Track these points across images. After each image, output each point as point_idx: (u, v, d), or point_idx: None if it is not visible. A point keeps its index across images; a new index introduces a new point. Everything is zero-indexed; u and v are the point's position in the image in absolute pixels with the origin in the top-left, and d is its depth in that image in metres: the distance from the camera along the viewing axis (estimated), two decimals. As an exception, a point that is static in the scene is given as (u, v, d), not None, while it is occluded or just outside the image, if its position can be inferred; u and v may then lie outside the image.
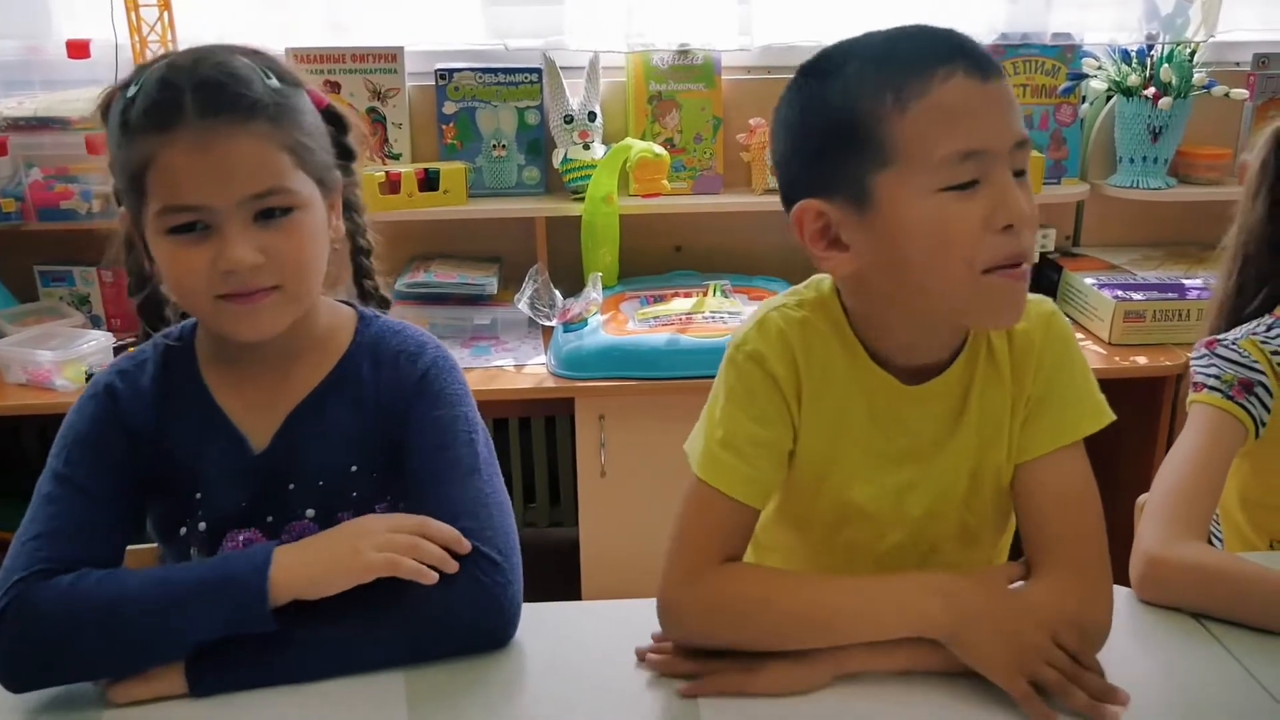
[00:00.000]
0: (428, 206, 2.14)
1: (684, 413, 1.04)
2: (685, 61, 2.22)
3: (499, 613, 0.95)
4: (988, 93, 0.86)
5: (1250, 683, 0.92)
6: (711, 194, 2.25)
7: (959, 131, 0.85)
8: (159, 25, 2.01)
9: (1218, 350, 1.23)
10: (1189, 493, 1.12)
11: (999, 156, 0.86)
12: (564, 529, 2.57)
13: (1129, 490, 1.38)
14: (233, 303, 0.96)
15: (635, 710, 0.90)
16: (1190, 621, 1.00)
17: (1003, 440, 0.99)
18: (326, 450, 1.04)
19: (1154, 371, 1.96)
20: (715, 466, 0.96)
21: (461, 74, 2.19)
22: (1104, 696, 0.86)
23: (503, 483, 1.04)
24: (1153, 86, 2.17)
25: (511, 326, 2.15)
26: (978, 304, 0.90)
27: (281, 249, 0.96)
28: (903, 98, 0.85)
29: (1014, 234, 0.87)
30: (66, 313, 2.14)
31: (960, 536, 1.03)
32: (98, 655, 0.90)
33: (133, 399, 1.03)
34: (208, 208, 0.93)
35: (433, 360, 1.06)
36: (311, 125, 1.01)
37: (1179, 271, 2.21)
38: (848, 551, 1.04)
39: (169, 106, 0.92)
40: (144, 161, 0.93)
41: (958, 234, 0.86)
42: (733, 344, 1.00)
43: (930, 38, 0.88)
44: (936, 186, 0.86)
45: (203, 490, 1.04)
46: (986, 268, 0.87)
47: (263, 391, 1.04)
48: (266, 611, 0.89)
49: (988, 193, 0.86)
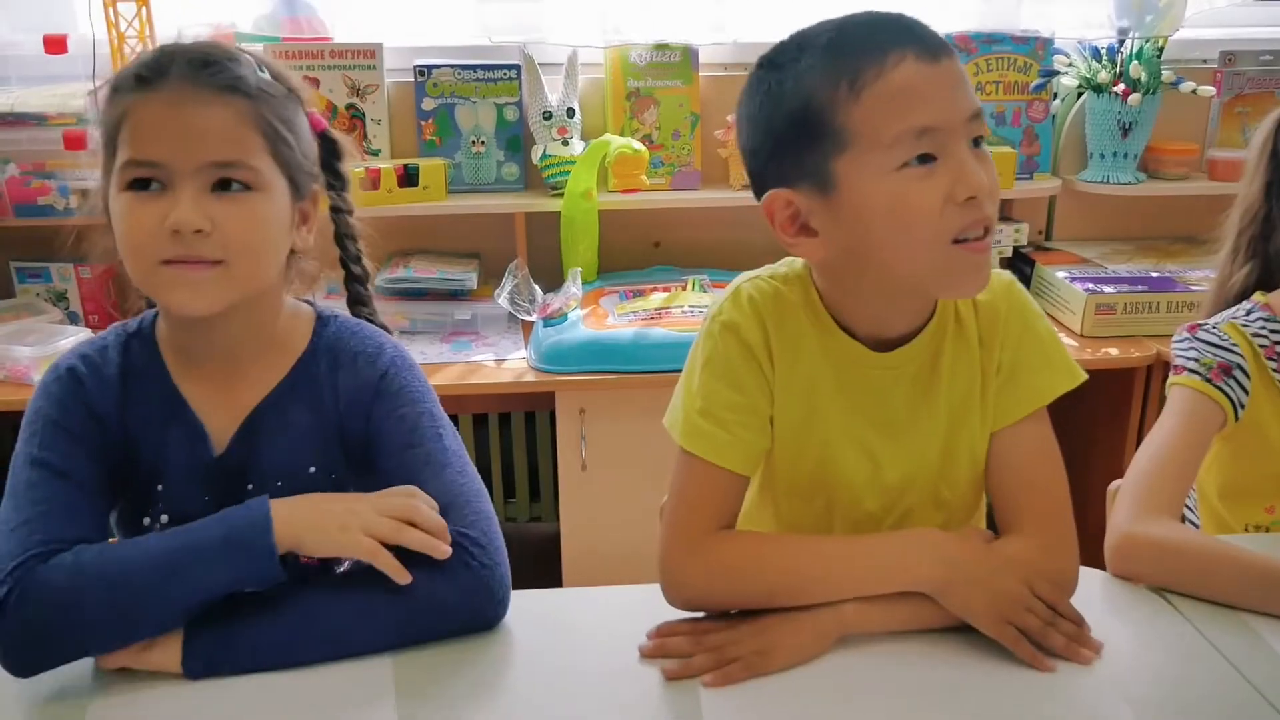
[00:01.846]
0: (407, 202, 2.15)
1: (664, 406, 1.06)
2: (663, 58, 2.23)
3: (488, 596, 0.97)
4: (938, 72, 0.89)
5: (1214, 655, 0.95)
6: (690, 190, 2.27)
7: (912, 110, 0.88)
8: (136, 21, 2.00)
9: (1199, 334, 1.25)
10: (1164, 472, 1.14)
11: (953, 131, 0.89)
12: (544, 523, 2.59)
13: (1102, 479, 1.41)
14: (174, 268, 0.95)
15: (628, 694, 0.91)
16: (1156, 598, 1.03)
17: (974, 409, 1.02)
18: (285, 452, 1.04)
19: (1125, 363, 1.99)
20: (698, 436, 0.99)
21: (440, 70, 2.20)
22: (1078, 640, 0.93)
23: (476, 472, 1.04)
24: (1122, 83, 2.21)
25: (491, 321, 2.16)
26: (944, 275, 0.94)
27: (231, 223, 0.95)
28: (856, 85, 0.89)
29: (976, 205, 0.90)
30: (44, 309, 2.13)
31: (935, 506, 1.07)
32: (108, 628, 0.90)
33: (97, 383, 1.02)
34: (167, 165, 0.94)
35: (391, 360, 1.06)
36: (297, 126, 1.02)
37: (1149, 265, 2.25)
38: (824, 521, 1.07)
39: (155, 67, 0.95)
40: (120, 116, 0.95)
41: (919, 209, 0.89)
42: (708, 315, 1.04)
43: (880, 24, 0.92)
44: (895, 165, 0.89)
45: (164, 483, 1.04)
46: (951, 239, 0.90)
47: (223, 388, 1.04)
48: (275, 561, 0.91)
49: (946, 167, 0.89)
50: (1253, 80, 2.37)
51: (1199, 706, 0.89)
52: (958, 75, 0.91)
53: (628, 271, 2.28)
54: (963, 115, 0.90)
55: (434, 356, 2.00)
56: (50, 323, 2.06)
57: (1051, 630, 0.93)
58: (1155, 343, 2.02)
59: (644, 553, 1.34)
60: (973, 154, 0.91)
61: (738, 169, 2.24)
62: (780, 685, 0.91)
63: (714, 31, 2.22)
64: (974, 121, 0.91)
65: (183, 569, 0.90)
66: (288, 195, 1.01)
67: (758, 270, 1.06)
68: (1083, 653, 0.93)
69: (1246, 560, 1.03)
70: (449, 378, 1.92)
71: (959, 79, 0.91)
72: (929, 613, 0.94)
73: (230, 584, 0.91)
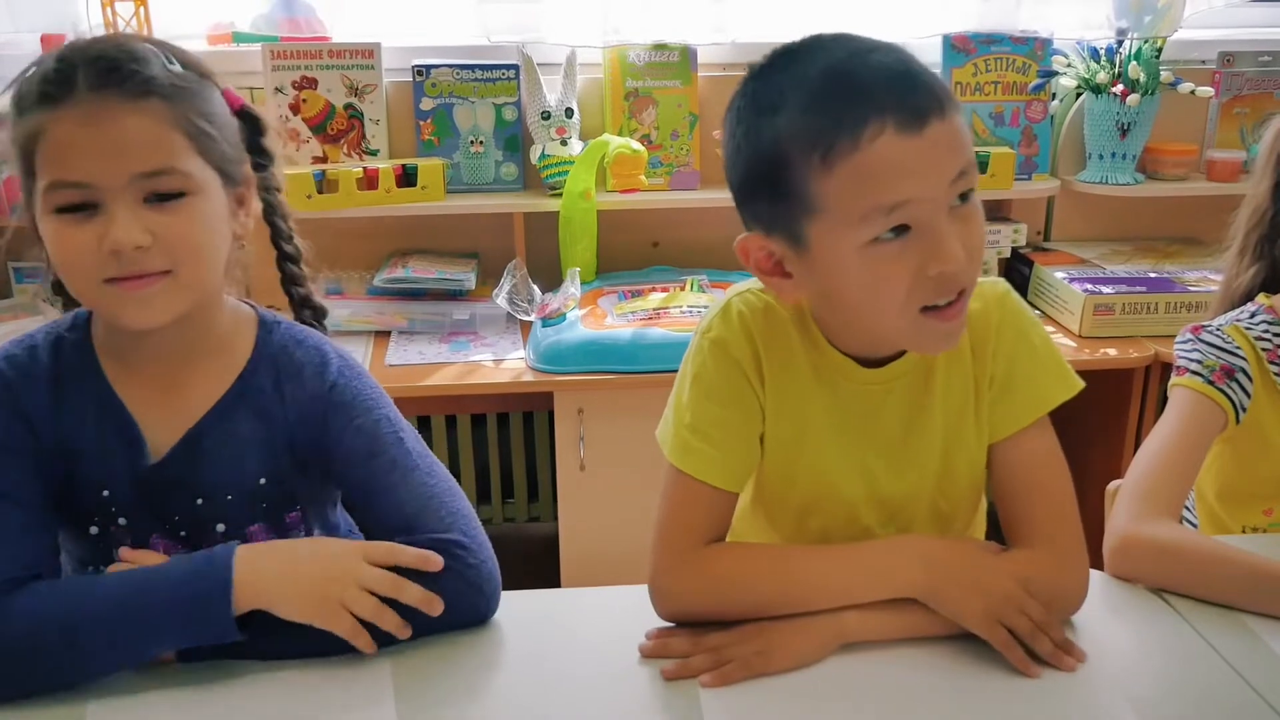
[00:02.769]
0: (405, 202, 2.14)
1: (662, 407, 1.05)
2: (662, 58, 2.23)
3: (478, 593, 0.97)
4: (919, 144, 0.84)
5: (1213, 655, 0.94)
6: (688, 190, 2.27)
7: (886, 188, 0.84)
8: (135, 20, 2.00)
9: (1202, 335, 1.25)
10: (1164, 473, 1.14)
11: (931, 202, 0.85)
12: (541, 523, 2.59)
13: (1100, 480, 1.41)
14: (120, 286, 0.92)
15: (629, 695, 0.91)
16: (1155, 599, 1.03)
17: (969, 421, 1.01)
18: (231, 464, 1.02)
19: (1123, 363, 1.99)
20: (686, 453, 0.99)
21: (439, 70, 2.20)
22: (1064, 648, 0.92)
23: (444, 468, 1.03)
24: (1121, 84, 2.21)
25: (490, 321, 2.15)
26: (912, 338, 0.94)
27: (172, 232, 0.92)
28: (829, 158, 0.84)
29: (947, 277, 0.87)
30: (41, 309, 2.12)
31: (933, 520, 1.06)
32: (63, 673, 0.89)
33: (26, 385, 0.98)
34: (95, 185, 0.90)
35: (338, 370, 1.04)
36: (217, 116, 0.98)
37: (1147, 265, 2.25)
38: (821, 538, 1.06)
39: (60, 80, 0.90)
40: (33, 135, 0.90)
41: (888, 285, 0.87)
42: (699, 329, 1.03)
43: (862, 86, 0.84)
44: (865, 239, 0.86)
45: (110, 489, 1.01)
46: (920, 308, 0.88)
47: (164, 394, 1.01)
48: (231, 626, 0.89)
49: (921, 241, 0.86)
50: (1251, 81, 2.37)
51: (1199, 708, 0.89)
52: (944, 142, 0.85)
53: (626, 272, 2.28)
54: (943, 183, 0.85)
55: (432, 356, 2.00)
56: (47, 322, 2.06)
57: (1040, 634, 0.92)
58: (1154, 343, 2.02)
59: (643, 553, 1.34)
60: (955, 218, 0.86)
61: (736, 169, 2.23)
62: (780, 687, 0.91)
63: (713, 32, 2.22)
64: (959, 182, 0.86)
65: (140, 625, 0.89)
66: (221, 188, 0.97)
67: (749, 283, 1.03)
68: (1067, 660, 0.92)
69: (1246, 561, 1.03)
70: (447, 378, 1.92)
71: (945, 144, 0.85)
72: (928, 621, 0.93)
73: (183, 643, 0.90)
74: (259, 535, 1.05)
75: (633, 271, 2.28)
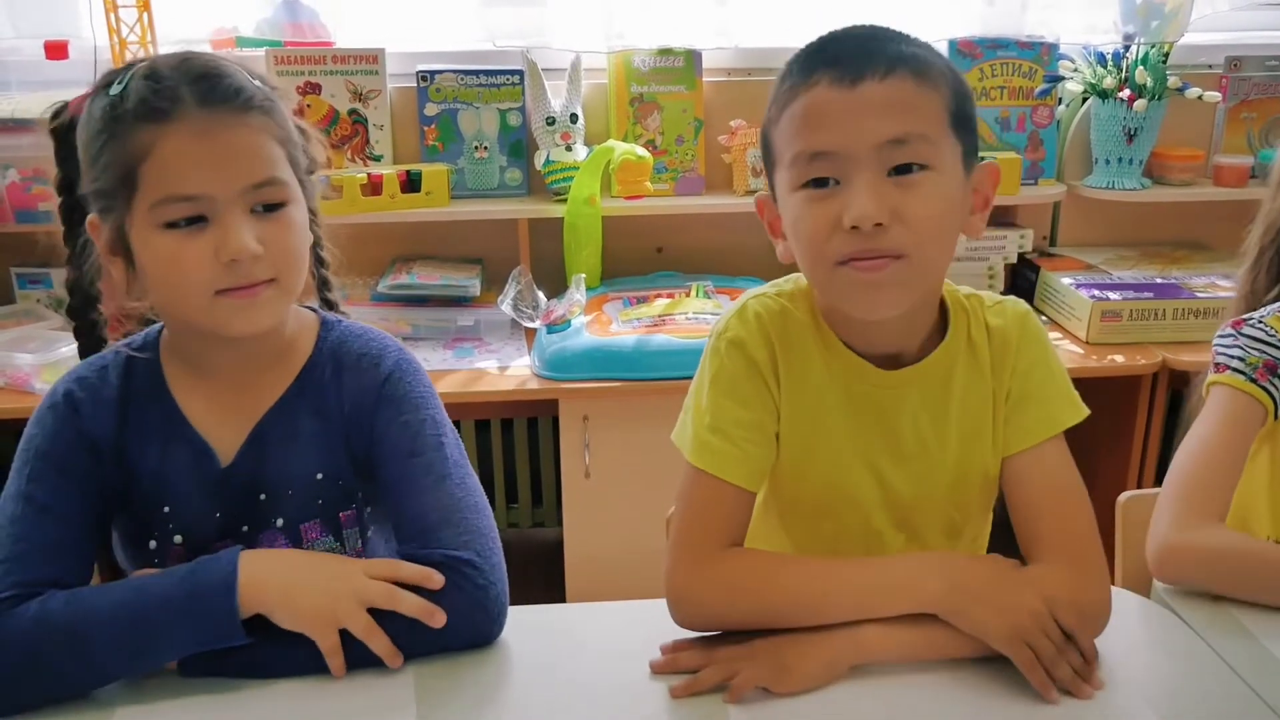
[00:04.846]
0: (410, 208, 2.14)
1: (668, 413, 1.05)
2: (666, 63, 2.23)
3: (484, 614, 0.96)
4: (849, 97, 0.89)
5: (1221, 665, 0.94)
6: (693, 195, 2.26)
7: (809, 134, 0.90)
8: (138, 26, 1.99)
9: (1244, 330, 1.21)
10: (1207, 476, 1.11)
11: (854, 159, 0.89)
12: (546, 529, 2.58)
13: (1108, 488, 1.40)
14: (232, 297, 0.95)
15: (645, 711, 0.90)
16: (1166, 612, 1.03)
17: (985, 432, 1.02)
18: (293, 459, 1.04)
19: (1131, 370, 1.98)
20: (707, 452, 0.98)
21: (443, 75, 2.19)
22: (1083, 674, 0.91)
23: (476, 481, 1.04)
24: (1127, 89, 2.20)
25: (494, 328, 2.15)
26: (836, 294, 0.96)
27: (277, 240, 0.96)
28: (780, 105, 0.93)
29: (860, 234, 0.89)
30: (44, 315, 2.12)
31: (944, 528, 1.05)
32: (71, 679, 0.89)
33: (94, 408, 1.01)
34: (209, 197, 0.93)
35: (395, 364, 1.05)
36: (292, 127, 1.02)
37: (1154, 271, 2.24)
38: (832, 540, 1.06)
39: (168, 97, 0.92)
40: (140, 153, 0.92)
41: (807, 231, 0.92)
42: (715, 332, 1.03)
43: (825, 46, 0.94)
44: (794, 185, 0.92)
45: (171, 504, 1.03)
46: (838, 261, 0.91)
47: (229, 401, 1.03)
48: (237, 627, 0.89)
49: (843, 193, 0.90)
50: (1258, 86, 2.36)
51: None
52: (877, 101, 0.89)
53: (630, 277, 2.27)
54: (869, 141, 0.89)
55: (437, 363, 1.99)
56: (50, 329, 2.05)
57: (1061, 659, 0.90)
58: (1161, 350, 2.01)
59: (648, 561, 1.33)
60: (879, 182, 0.89)
61: (741, 175, 2.23)
62: (804, 705, 0.89)
63: (717, 36, 2.22)
64: (892, 149, 0.89)
65: (145, 627, 0.89)
66: (302, 197, 1.01)
67: (764, 287, 1.06)
68: (1084, 689, 0.90)
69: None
70: (452, 384, 1.91)
71: (878, 104, 0.89)
72: (948, 640, 0.92)
73: (192, 645, 0.90)
74: (313, 532, 1.06)
75: (637, 277, 2.27)
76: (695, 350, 1.92)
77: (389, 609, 0.92)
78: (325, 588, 0.92)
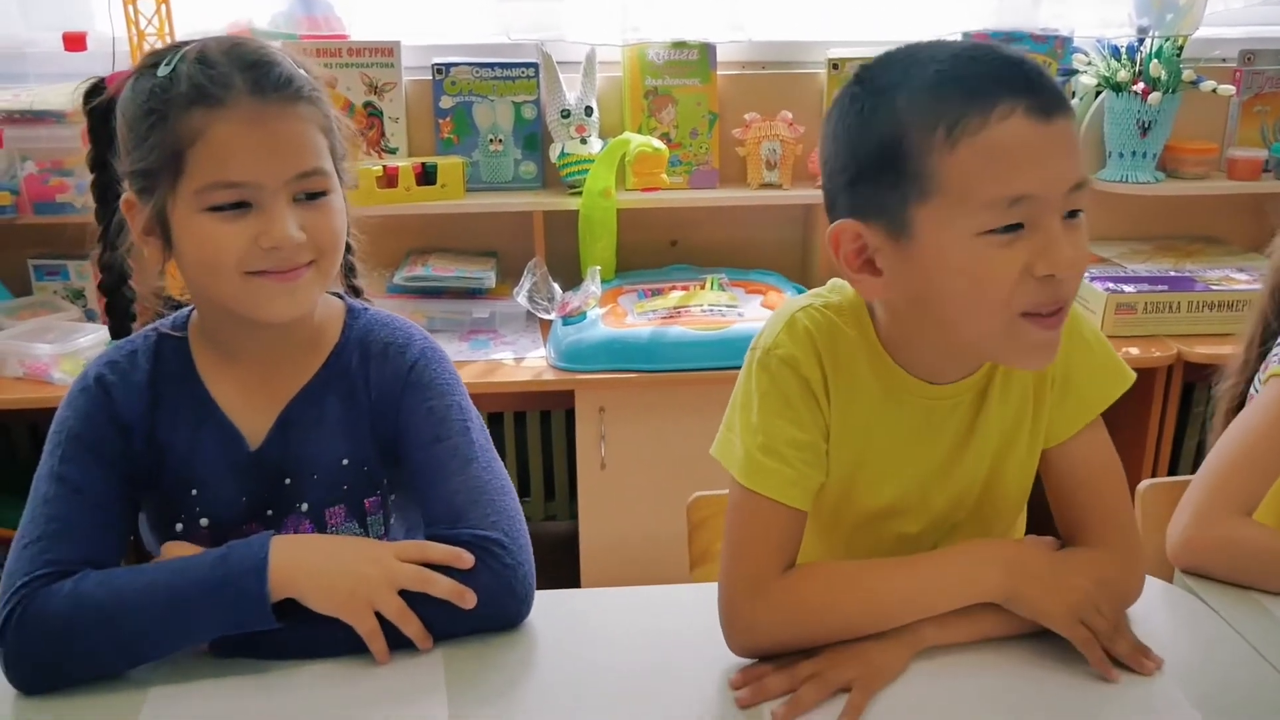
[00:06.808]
0: (425, 201, 2.14)
1: (684, 405, 1.04)
2: (681, 56, 2.23)
3: (511, 595, 0.97)
4: (1048, 135, 0.81)
5: (1245, 646, 0.94)
6: (707, 188, 2.27)
7: (1009, 176, 0.81)
8: (156, 18, 2.00)
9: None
10: (1246, 467, 1.10)
11: (1049, 202, 0.82)
12: (559, 522, 2.58)
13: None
14: (269, 279, 0.96)
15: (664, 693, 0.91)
16: (1195, 600, 1.03)
17: (1024, 429, 1.00)
18: (319, 444, 1.05)
19: (1146, 363, 1.98)
20: (761, 473, 0.94)
21: (458, 68, 2.20)
22: (1141, 651, 0.92)
23: (502, 466, 1.04)
24: (1141, 82, 2.20)
25: (510, 320, 2.15)
26: (1008, 346, 0.89)
27: (319, 226, 0.98)
28: (954, 134, 0.81)
29: (1053, 283, 0.84)
30: (61, 306, 2.13)
31: (978, 523, 1.05)
32: (103, 658, 0.90)
33: (124, 391, 1.02)
34: (256, 184, 0.94)
35: (421, 351, 1.06)
36: (334, 115, 1.02)
37: (1168, 264, 2.25)
38: (862, 544, 1.05)
39: (221, 83, 0.93)
40: (190, 137, 0.93)
41: (995, 279, 0.83)
42: (761, 347, 0.98)
43: (995, 66, 0.83)
44: (979, 229, 0.82)
45: (198, 487, 1.04)
46: (1020, 312, 0.85)
47: (257, 384, 1.05)
48: (267, 611, 0.90)
49: (1033, 239, 0.83)
50: (1272, 79, 2.36)
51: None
52: (1068, 140, 0.83)
53: (645, 270, 2.28)
54: (1064, 186, 0.82)
55: (453, 355, 1.95)
56: (68, 320, 2.06)
57: (1118, 636, 0.91)
58: (1176, 342, 2.01)
59: (663, 552, 1.33)
60: (1065, 227, 0.83)
61: (755, 168, 2.23)
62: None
63: (732, 30, 2.22)
64: (1074, 193, 0.83)
65: (177, 609, 0.90)
66: (339, 185, 1.02)
67: (807, 297, 1.01)
68: (1146, 663, 0.91)
69: None
70: (468, 376, 1.89)
71: (1068, 144, 0.83)
72: (999, 622, 0.93)
73: (224, 627, 0.91)
74: (337, 517, 1.07)
75: (652, 270, 2.28)
76: (711, 342, 1.96)
77: (421, 591, 0.93)
78: (357, 571, 0.93)
